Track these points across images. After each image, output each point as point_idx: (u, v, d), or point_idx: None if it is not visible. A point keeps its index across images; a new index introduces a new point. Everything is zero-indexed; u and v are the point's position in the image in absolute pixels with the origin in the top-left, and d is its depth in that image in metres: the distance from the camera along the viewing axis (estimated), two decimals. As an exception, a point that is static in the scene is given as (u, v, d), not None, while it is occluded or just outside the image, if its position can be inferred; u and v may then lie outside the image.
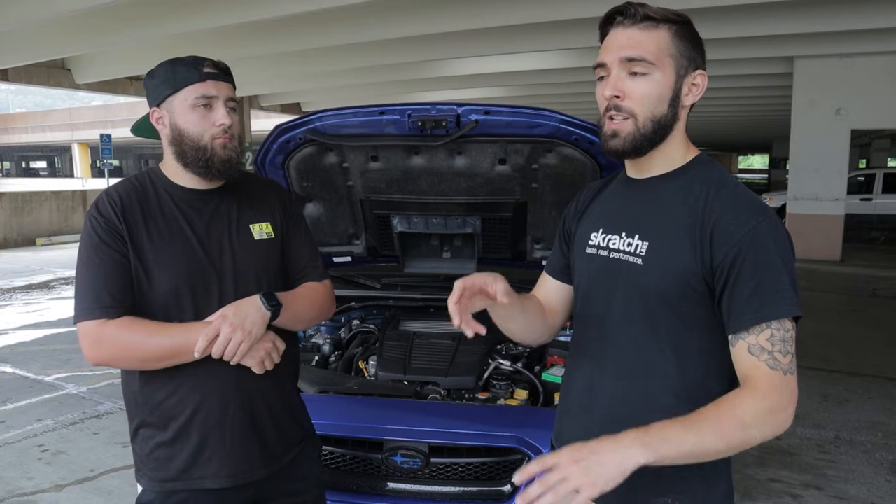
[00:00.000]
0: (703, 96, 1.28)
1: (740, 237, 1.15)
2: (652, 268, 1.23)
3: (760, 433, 1.10)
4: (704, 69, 1.27)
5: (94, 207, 1.50)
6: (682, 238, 1.21)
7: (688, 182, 1.25)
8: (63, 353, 5.93)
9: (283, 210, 1.68)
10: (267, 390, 1.58)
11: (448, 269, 3.10)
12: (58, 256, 12.37)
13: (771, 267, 1.15)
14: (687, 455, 1.08)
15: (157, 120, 1.55)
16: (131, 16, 8.26)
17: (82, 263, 1.48)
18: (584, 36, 8.86)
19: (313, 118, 2.54)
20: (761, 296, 1.14)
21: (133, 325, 1.44)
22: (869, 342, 6.38)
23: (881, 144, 23.42)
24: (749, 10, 7.99)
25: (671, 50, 1.22)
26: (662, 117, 1.23)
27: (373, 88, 14.62)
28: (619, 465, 1.03)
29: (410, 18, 8.29)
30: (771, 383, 1.12)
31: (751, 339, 1.14)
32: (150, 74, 1.55)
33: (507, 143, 2.51)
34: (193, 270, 1.50)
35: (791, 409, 1.13)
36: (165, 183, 1.56)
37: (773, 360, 1.13)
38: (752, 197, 1.22)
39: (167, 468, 1.52)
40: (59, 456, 3.83)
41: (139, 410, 1.54)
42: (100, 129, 24.34)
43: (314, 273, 1.70)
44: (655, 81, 1.22)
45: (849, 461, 3.75)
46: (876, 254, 12.28)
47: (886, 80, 10.32)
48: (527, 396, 2.40)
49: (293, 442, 1.67)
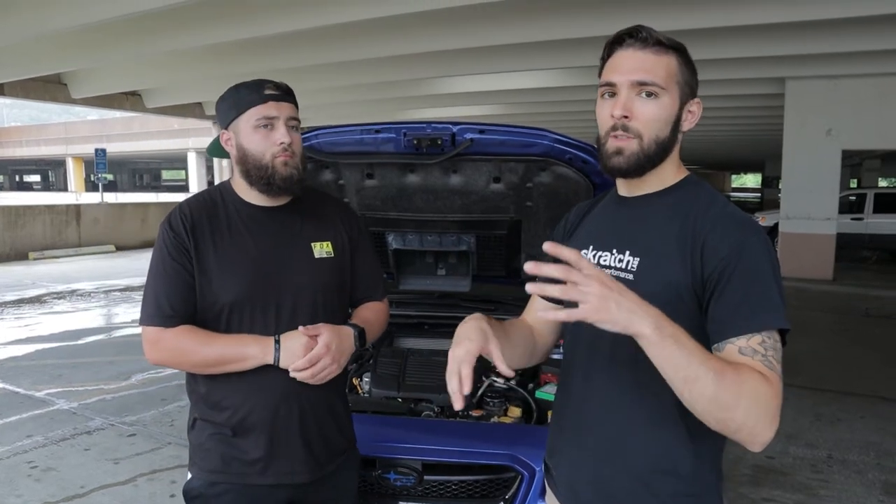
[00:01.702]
0: None
1: (729, 249, 1.16)
2: (643, 282, 1.22)
3: (744, 414, 1.04)
4: (698, 97, 1.31)
5: (167, 221, 1.61)
6: (672, 251, 1.21)
7: (678, 199, 1.28)
8: (54, 368, 5.89)
9: (348, 230, 1.75)
10: (316, 400, 1.66)
11: (443, 286, 3.10)
12: (50, 271, 12.31)
13: (760, 277, 1.14)
14: (678, 367, 1.03)
15: (226, 142, 1.63)
16: (127, 32, 8.32)
17: (151, 272, 1.60)
18: (578, 56, 8.96)
19: (309, 136, 2.55)
20: (751, 305, 1.13)
21: (188, 334, 1.56)
22: (861, 361, 6.40)
23: (872, 164, 23.63)
24: (741, 32, 8.10)
25: (678, 77, 1.26)
26: (665, 140, 1.26)
27: (369, 105, 14.71)
28: (628, 319, 1.00)
29: (406, 36, 8.36)
30: (773, 378, 1.09)
31: (741, 343, 1.12)
32: (220, 99, 1.64)
33: (502, 162, 2.53)
34: (254, 284, 1.58)
35: (775, 426, 1.08)
36: (234, 199, 1.65)
37: (768, 361, 1.10)
38: (742, 214, 1.24)
39: (215, 460, 1.62)
40: (48, 473, 3.79)
41: (199, 406, 1.65)
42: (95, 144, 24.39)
43: (377, 293, 1.83)
44: (664, 106, 1.24)
45: (842, 481, 3.75)
46: (868, 273, 12.36)
47: (876, 102, 10.45)
48: (520, 414, 2.40)
49: (337, 452, 1.74)
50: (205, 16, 7.72)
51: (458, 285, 3.06)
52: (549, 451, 1.47)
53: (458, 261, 3.06)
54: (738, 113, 14.87)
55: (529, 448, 2.08)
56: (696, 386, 1.03)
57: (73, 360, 6.10)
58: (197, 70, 9.94)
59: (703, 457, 1.26)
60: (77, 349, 6.56)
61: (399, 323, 3.04)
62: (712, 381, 1.03)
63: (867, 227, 13.59)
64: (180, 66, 10.27)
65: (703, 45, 8.53)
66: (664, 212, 1.27)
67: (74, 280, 11.07)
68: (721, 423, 1.06)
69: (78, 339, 6.91)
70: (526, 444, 2.11)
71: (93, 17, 7.07)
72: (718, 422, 1.06)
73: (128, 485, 3.63)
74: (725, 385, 1.03)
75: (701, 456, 1.26)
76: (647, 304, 1.03)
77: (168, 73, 10.77)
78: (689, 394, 1.05)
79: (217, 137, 1.69)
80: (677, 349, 1.02)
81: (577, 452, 1.36)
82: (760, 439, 1.07)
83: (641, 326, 1.01)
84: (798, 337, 8.43)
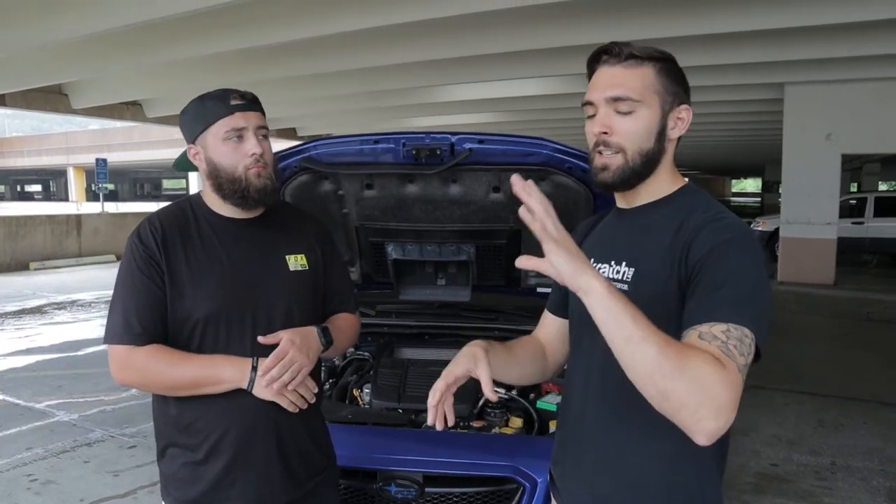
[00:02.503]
0: (697, 121, 1.33)
1: (710, 248, 1.15)
2: (637, 292, 1.21)
3: (688, 389, 0.97)
4: (689, 104, 1.30)
5: (135, 234, 1.55)
6: (663, 261, 1.22)
7: (674, 210, 1.27)
8: (55, 380, 5.88)
9: (321, 244, 1.73)
10: (293, 418, 1.60)
11: (443, 296, 3.10)
12: (51, 281, 12.32)
13: (733, 275, 1.11)
14: (622, 324, 1.00)
15: (194, 156, 1.58)
16: (127, 42, 8.34)
17: (119, 287, 1.54)
18: (575, 63, 8.93)
19: (308, 147, 2.56)
20: (719, 298, 1.09)
21: (158, 354, 1.50)
22: (863, 365, 6.38)
23: (871, 168, 23.63)
24: (740, 38, 8.11)
25: (656, 86, 1.25)
26: (650, 151, 1.26)
27: (366, 113, 14.74)
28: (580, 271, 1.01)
29: (404, 45, 8.38)
30: (729, 364, 1.02)
31: (703, 329, 1.06)
32: (184, 112, 1.59)
33: (501, 172, 2.53)
34: (229, 298, 1.53)
35: (723, 419, 0.99)
36: (205, 212, 1.61)
37: (727, 348, 1.03)
38: (730, 220, 1.22)
39: (192, 488, 1.56)
40: (48, 486, 3.78)
41: (169, 431, 1.58)
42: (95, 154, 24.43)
43: (349, 305, 1.80)
44: (642, 118, 1.25)
45: (846, 488, 3.73)
46: (868, 277, 12.34)
47: (874, 106, 10.46)
48: (521, 424, 2.39)
49: (316, 470, 1.70)
50: (205, 26, 7.74)
51: (458, 295, 3.06)
52: (553, 462, 1.48)
53: (457, 270, 3.06)
54: (738, 118, 14.88)
55: (531, 459, 2.07)
56: (638, 347, 0.99)
57: (73, 370, 6.09)
58: (197, 80, 9.96)
59: (704, 471, 1.25)
60: (77, 360, 6.55)
61: (399, 333, 3.03)
62: (655, 346, 0.99)
63: (868, 231, 13.58)
64: (180, 75, 10.29)
65: (702, 52, 8.56)
66: (660, 222, 1.27)
67: (75, 290, 11.07)
68: (663, 395, 0.99)
69: (78, 350, 6.90)
70: (528, 454, 2.11)
71: (94, 28, 7.09)
72: (660, 393, 0.99)
73: (127, 497, 3.61)
74: (669, 354, 0.99)
75: (703, 470, 1.25)
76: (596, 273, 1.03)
77: (168, 83, 10.80)
78: (631, 356, 1.00)
79: (185, 152, 1.63)
80: (623, 307, 1.01)
81: (577, 466, 1.37)
82: (704, 427, 0.99)
83: (589, 282, 1.01)
84: (799, 342, 8.40)
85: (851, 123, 10.66)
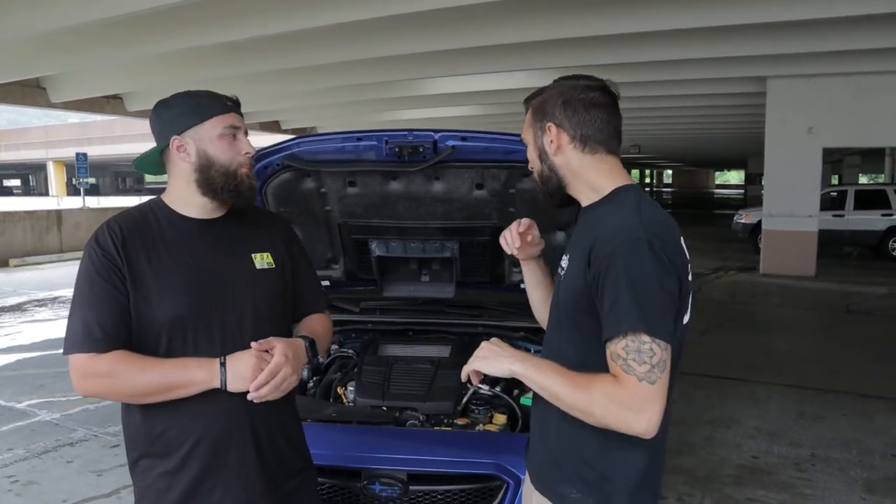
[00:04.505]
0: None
1: (603, 257, 1.32)
2: (563, 284, 1.47)
3: (601, 412, 1.28)
4: (552, 120, 1.47)
5: (93, 239, 1.51)
6: (581, 259, 1.39)
7: (602, 211, 1.43)
8: (36, 379, 5.81)
9: (286, 242, 1.73)
10: (269, 419, 1.58)
11: (426, 292, 3.10)
12: (31, 278, 12.17)
13: (618, 285, 1.28)
14: (542, 389, 1.36)
15: (179, 148, 1.54)
16: (106, 35, 8.22)
17: (77, 295, 1.48)
18: (558, 56, 8.99)
19: (290, 144, 2.54)
20: (615, 312, 1.28)
21: (124, 360, 1.45)
22: (842, 358, 6.47)
23: (852, 161, 23.93)
24: (723, 32, 8.15)
25: (530, 121, 1.53)
26: (540, 172, 1.53)
27: (351, 106, 14.66)
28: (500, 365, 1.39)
29: (388, 38, 8.34)
30: (626, 384, 1.26)
31: (611, 348, 1.29)
32: (165, 105, 1.57)
33: (484, 169, 2.53)
34: (196, 298, 1.51)
35: (645, 416, 1.24)
36: (167, 213, 1.58)
37: (627, 365, 1.26)
38: (631, 219, 1.35)
39: (167, 497, 1.52)
40: (29, 487, 3.74)
41: (140, 441, 1.54)
42: (76, 147, 24.15)
43: (319, 304, 1.82)
44: (529, 150, 1.56)
45: (825, 479, 3.78)
46: (849, 269, 12.49)
47: (855, 100, 10.56)
48: (505, 421, 2.39)
49: (294, 471, 1.68)
50: (184, 19, 7.65)
51: (442, 291, 3.06)
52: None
53: (441, 267, 3.06)
54: (720, 111, 14.97)
55: (514, 456, 2.07)
56: (560, 401, 1.34)
57: (55, 369, 6.02)
58: (178, 73, 9.84)
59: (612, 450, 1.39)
60: (59, 358, 6.41)
61: (383, 330, 3.03)
62: (569, 395, 1.32)
63: (848, 224, 13.74)
64: (161, 69, 10.16)
65: (685, 46, 8.60)
66: (590, 221, 1.45)
67: (56, 287, 10.94)
68: (592, 422, 1.31)
69: (60, 348, 6.71)
70: (511, 451, 2.11)
71: (71, 20, 6.97)
72: (589, 421, 1.31)
73: (111, 497, 3.58)
74: (578, 396, 1.30)
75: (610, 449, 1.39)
76: (519, 353, 1.41)
77: (149, 77, 10.66)
78: (561, 406, 1.34)
79: (154, 149, 1.59)
80: (539, 377, 1.35)
81: (531, 441, 1.62)
82: (636, 428, 1.26)
83: (512, 366, 1.37)
84: (781, 334, 8.48)
85: (832, 117, 10.76)
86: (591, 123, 1.44)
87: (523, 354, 1.41)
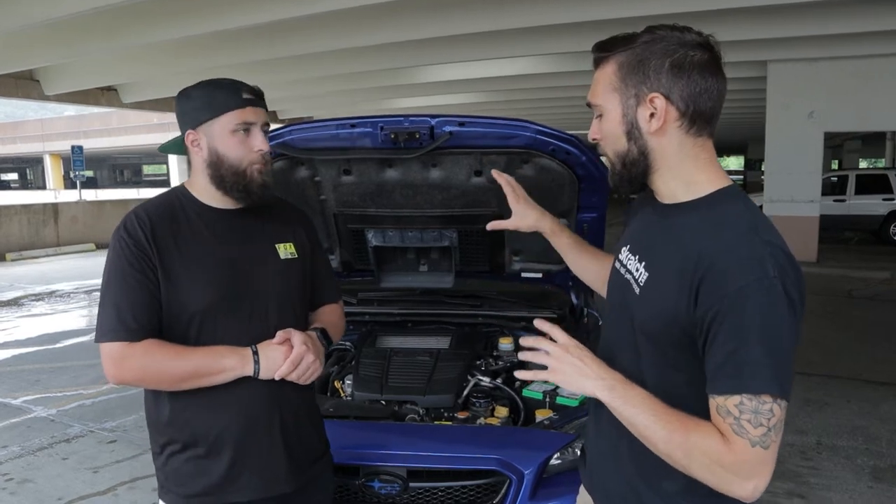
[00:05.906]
0: None
1: (722, 297, 1.06)
2: (644, 303, 1.21)
3: (699, 470, 1.10)
4: (660, 91, 1.15)
5: (122, 227, 1.51)
6: (673, 281, 1.14)
7: (699, 220, 1.16)
8: (32, 374, 5.75)
9: (306, 233, 1.73)
10: (294, 404, 1.61)
11: (425, 282, 3.04)
12: (28, 272, 12.09)
13: (746, 335, 1.05)
14: (630, 424, 1.16)
15: (193, 142, 1.55)
16: (99, 26, 8.12)
17: (108, 284, 1.49)
18: (557, 42, 8.89)
19: (283, 132, 2.47)
20: (735, 365, 1.06)
21: (156, 348, 1.46)
22: (846, 344, 6.42)
23: (853, 146, 23.84)
24: (722, 15, 8.03)
25: (615, 83, 1.18)
26: (625, 153, 1.20)
27: (349, 95, 14.55)
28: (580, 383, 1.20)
29: (384, 25, 8.25)
30: (735, 447, 1.06)
31: (720, 401, 1.08)
32: (186, 95, 1.56)
33: (483, 155, 2.47)
34: (225, 288, 1.52)
35: (752, 483, 1.07)
36: (194, 203, 1.58)
37: (739, 426, 1.05)
38: (755, 248, 1.09)
39: (196, 483, 1.54)
40: (24, 485, 3.69)
41: (167, 429, 1.55)
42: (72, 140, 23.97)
43: (333, 295, 1.82)
44: (608, 120, 1.21)
45: (831, 467, 3.73)
46: (850, 254, 12.44)
47: (856, 84, 10.47)
48: (507, 414, 2.34)
49: (317, 456, 1.70)
50: (177, 8, 7.55)
51: (440, 281, 3.01)
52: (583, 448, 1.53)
53: (440, 256, 3.00)
54: (720, 96, 14.86)
55: (517, 451, 2.03)
56: (649, 441, 1.14)
57: (51, 364, 5.96)
58: (173, 64, 9.74)
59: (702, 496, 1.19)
60: (55, 353, 6.42)
61: (381, 321, 2.97)
62: (663, 442, 1.12)
63: (849, 209, 13.68)
64: (156, 60, 10.05)
65: (684, 30, 8.47)
66: (680, 232, 1.17)
67: (53, 281, 10.87)
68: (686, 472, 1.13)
69: (56, 343, 6.76)
70: (514, 446, 2.07)
71: (63, 10, 6.88)
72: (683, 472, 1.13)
73: (108, 494, 3.53)
74: (673, 445, 1.11)
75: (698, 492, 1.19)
76: (607, 370, 1.19)
77: (144, 68, 10.55)
78: (648, 444, 1.15)
79: (178, 138, 1.60)
80: (628, 411, 1.15)
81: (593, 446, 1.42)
82: (740, 494, 1.09)
83: (594, 390, 1.18)
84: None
85: (833, 101, 10.67)
86: (706, 96, 1.15)
87: (611, 378, 1.17)
